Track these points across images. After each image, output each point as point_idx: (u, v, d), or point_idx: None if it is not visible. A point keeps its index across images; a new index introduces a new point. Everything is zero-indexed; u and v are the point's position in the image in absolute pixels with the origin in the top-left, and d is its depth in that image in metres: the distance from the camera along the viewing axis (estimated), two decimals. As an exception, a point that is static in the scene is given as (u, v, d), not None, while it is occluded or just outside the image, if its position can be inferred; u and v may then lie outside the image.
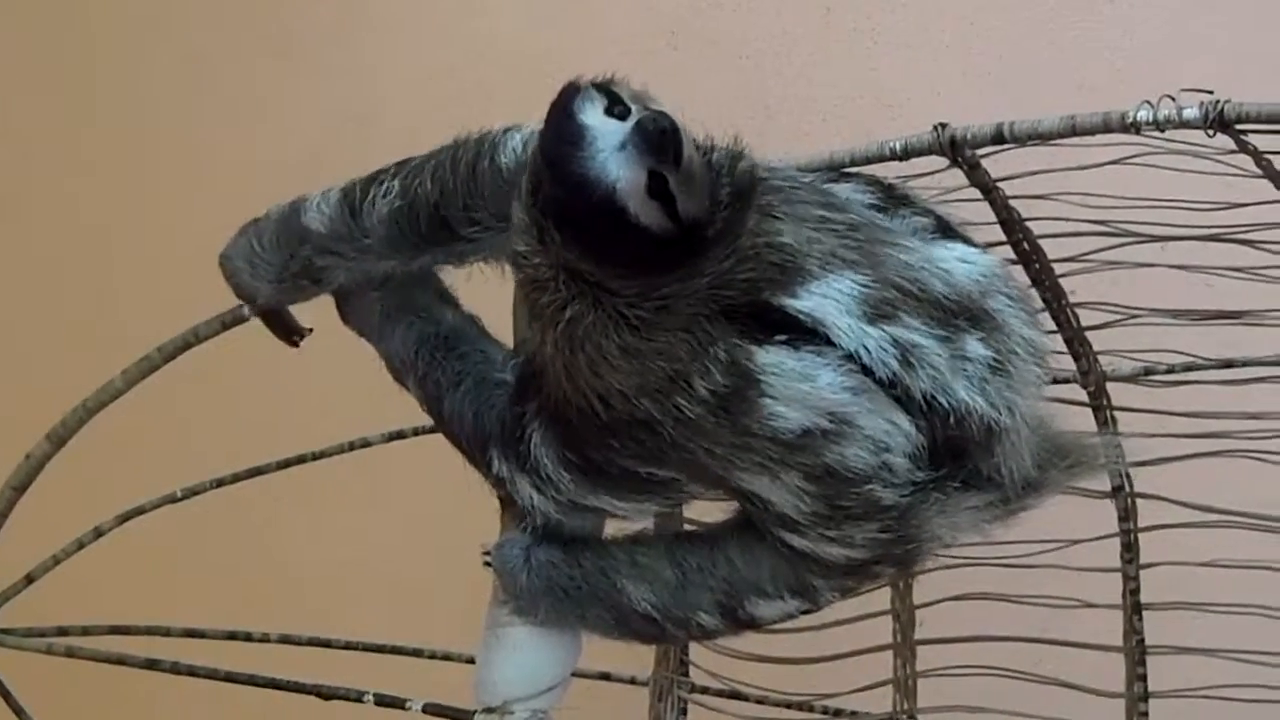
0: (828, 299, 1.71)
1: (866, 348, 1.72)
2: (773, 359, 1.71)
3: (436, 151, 1.94)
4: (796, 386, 1.71)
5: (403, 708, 2.23)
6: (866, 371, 1.73)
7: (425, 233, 1.91)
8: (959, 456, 1.81)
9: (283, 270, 2.01)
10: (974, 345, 1.77)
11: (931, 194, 1.98)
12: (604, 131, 1.66)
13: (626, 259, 1.69)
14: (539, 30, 3.73)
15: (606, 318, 1.72)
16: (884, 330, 1.72)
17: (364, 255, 1.95)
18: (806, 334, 1.72)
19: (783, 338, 1.71)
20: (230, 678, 2.33)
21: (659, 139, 1.63)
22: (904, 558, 1.89)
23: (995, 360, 1.78)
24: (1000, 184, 2.11)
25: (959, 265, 1.79)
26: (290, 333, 2.16)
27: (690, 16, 3.56)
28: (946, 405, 1.75)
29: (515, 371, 1.94)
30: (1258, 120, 1.82)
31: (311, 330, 2.15)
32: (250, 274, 2.04)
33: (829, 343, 1.72)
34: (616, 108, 1.69)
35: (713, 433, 1.76)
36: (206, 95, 4.00)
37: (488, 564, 2.05)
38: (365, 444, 2.69)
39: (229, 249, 2.07)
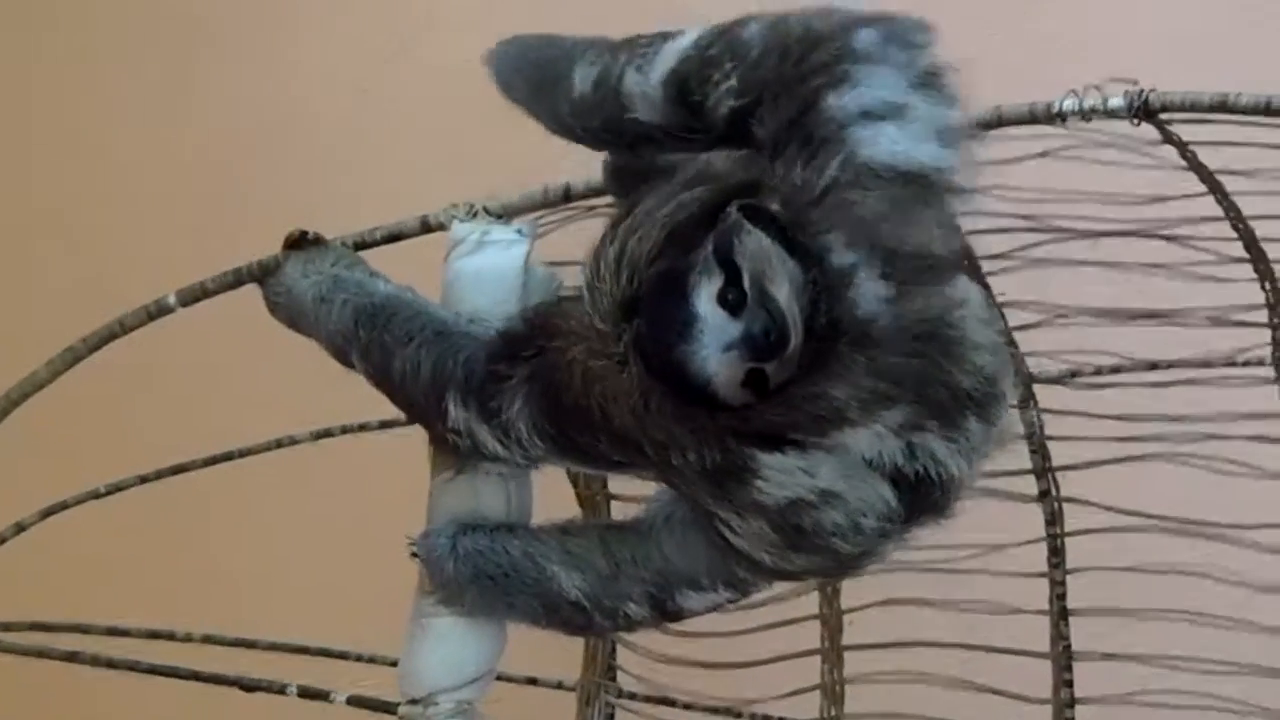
0: (858, 436, 1.72)
1: (881, 453, 1.72)
2: (777, 460, 1.72)
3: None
4: (794, 478, 1.71)
5: (326, 700, 2.22)
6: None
7: None
8: (923, 509, 1.83)
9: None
10: (974, 424, 1.78)
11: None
12: (712, 326, 1.60)
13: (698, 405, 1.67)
14: (475, 27, 3.71)
15: (637, 392, 1.69)
16: (902, 439, 1.73)
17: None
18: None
19: (793, 444, 1.71)
20: (153, 670, 2.31)
21: (766, 348, 1.59)
22: (839, 577, 1.90)
23: (987, 431, 1.81)
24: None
25: (990, 359, 1.80)
26: None
27: (625, 14, 3.55)
28: (937, 478, 1.77)
29: (506, 326, 1.90)
30: (1182, 108, 1.84)
31: None
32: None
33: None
34: (731, 292, 1.61)
35: (696, 481, 1.75)
36: (128, 91, 3.98)
37: (414, 554, 2.04)
38: (293, 442, 2.67)
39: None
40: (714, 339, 1.60)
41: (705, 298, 1.62)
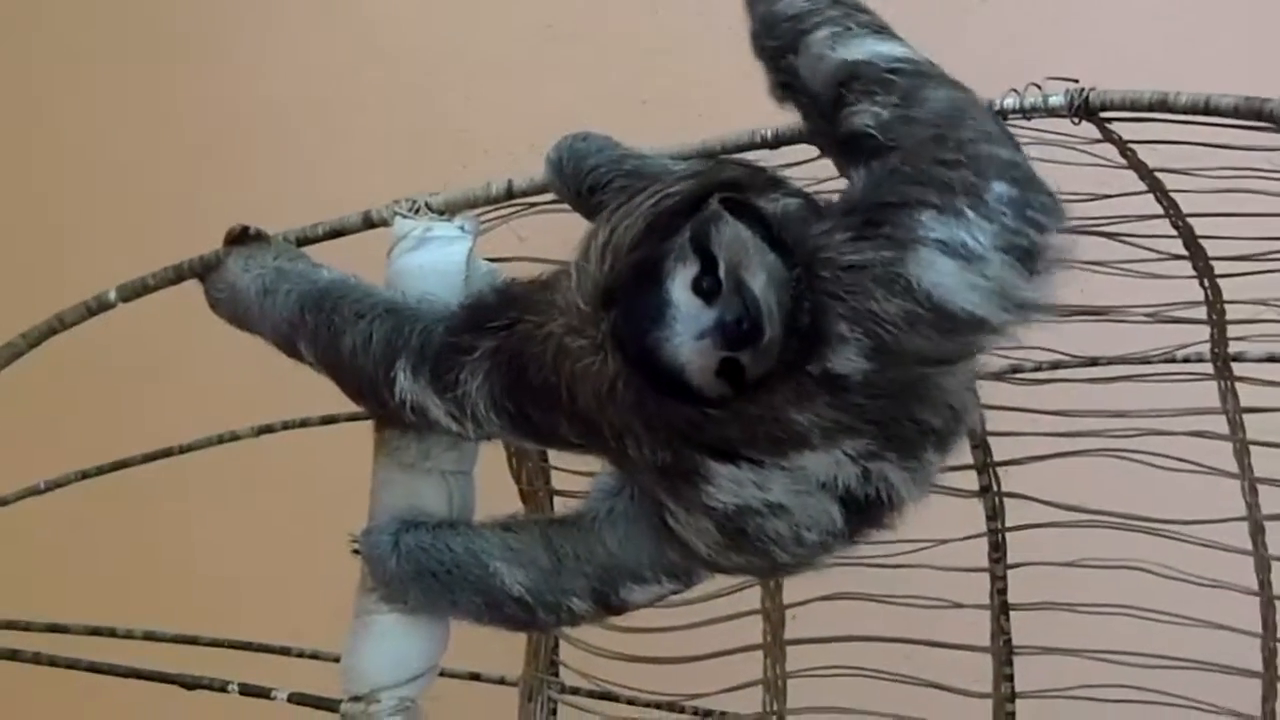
0: (817, 459, 1.73)
1: (836, 477, 1.74)
2: (729, 471, 1.74)
3: None
4: (744, 489, 1.74)
5: (268, 698, 2.21)
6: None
7: None
8: (869, 525, 1.85)
9: None
10: (932, 455, 1.80)
11: (803, 184, 1.99)
12: (686, 314, 1.61)
13: (674, 398, 1.67)
14: (419, 24, 3.71)
15: (607, 381, 1.70)
16: (859, 466, 1.74)
17: None
18: None
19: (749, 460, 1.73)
20: (93, 668, 2.30)
21: (738, 336, 1.60)
22: (773, 577, 1.91)
23: (943, 458, 1.83)
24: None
25: (963, 398, 1.81)
26: None
27: (569, 10, 3.56)
28: (888, 500, 1.79)
29: (474, 299, 1.92)
30: (1121, 107, 1.85)
31: None
32: None
33: None
34: (706, 279, 1.62)
35: (648, 473, 1.79)
36: (69, 89, 3.96)
37: (356, 551, 2.04)
38: (234, 437, 2.66)
39: None
40: (687, 326, 1.61)
41: (680, 284, 1.62)
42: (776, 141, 1.98)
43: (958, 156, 1.61)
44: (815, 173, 2.03)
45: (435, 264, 2.04)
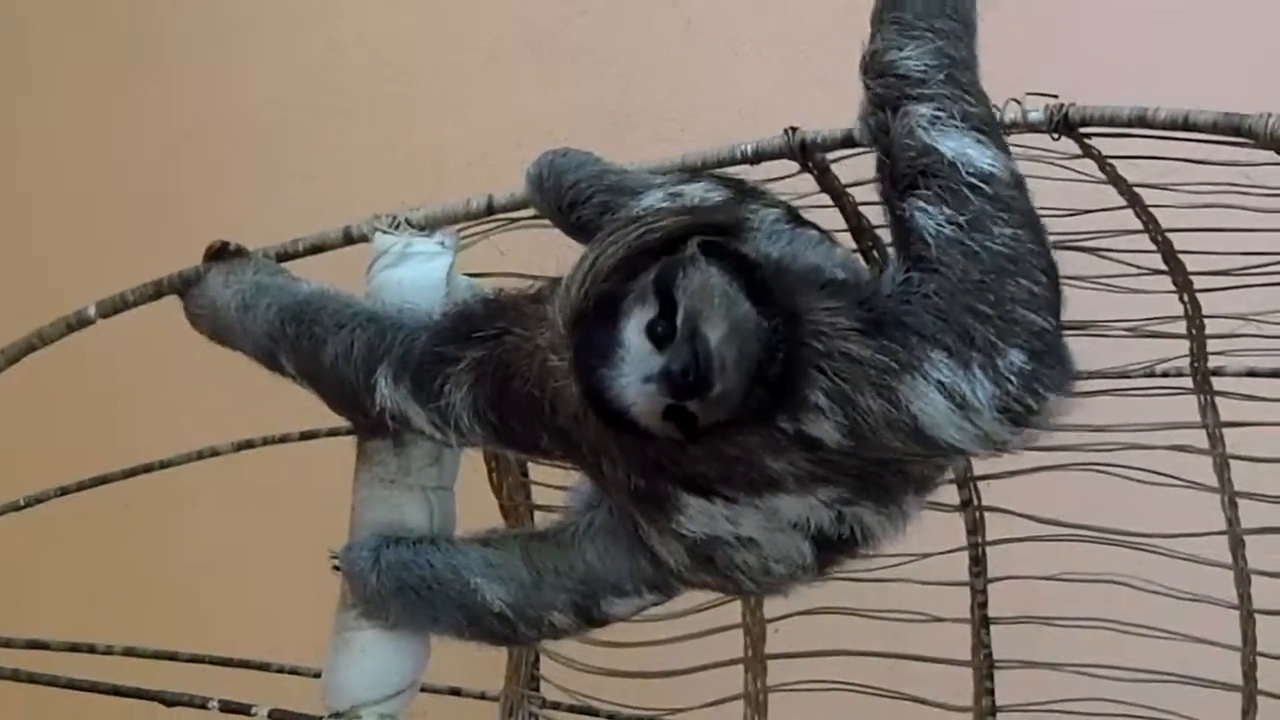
0: (790, 502, 1.74)
1: (808, 519, 1.76)
2: (701, 504, 1.75)
3: None
4: (716, 522, 1.76)
5: (248, 714, 2.21)
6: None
7: None
8: (841, 559, 1.86)
9: None
10: (910, 499, 1.81)
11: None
12: (635, 357, 1.61)
13: (625, 433, 1.67)
14: (401, 36, 3.71)
15: (577, 401, 1.70)
16: (834, 509, 1.75)
17: None
18: None
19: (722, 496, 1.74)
20: (73, 685, 2.30)
21: (682, 388, 1.59)
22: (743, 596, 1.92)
23: (921, 501, 1.85)
24: (851, 189, 2.11)
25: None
26: None
27: (553, 25, 3.56)
28: (861, 539, 1.80)
29: (460, 309, 1.93)
30: (1100, 123, 1.85)
31: None
32: None
33: None
34: (661, 324, 1.61)
35: (622, 494, 1.80)
36: (49, 102, 3.95)
37: (336, 567, 2.04)
38: (214, 453, 2.65)
39: None
40: (634, 368, 1.61)
41: (634, 326, 1.62)
42: (757, 157, 1.98)
43: (990, 312, 1.61)
44: (796, 187, 2.04)
45: (415, 280, 2.04)
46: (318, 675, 2.11)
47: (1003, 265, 1.63)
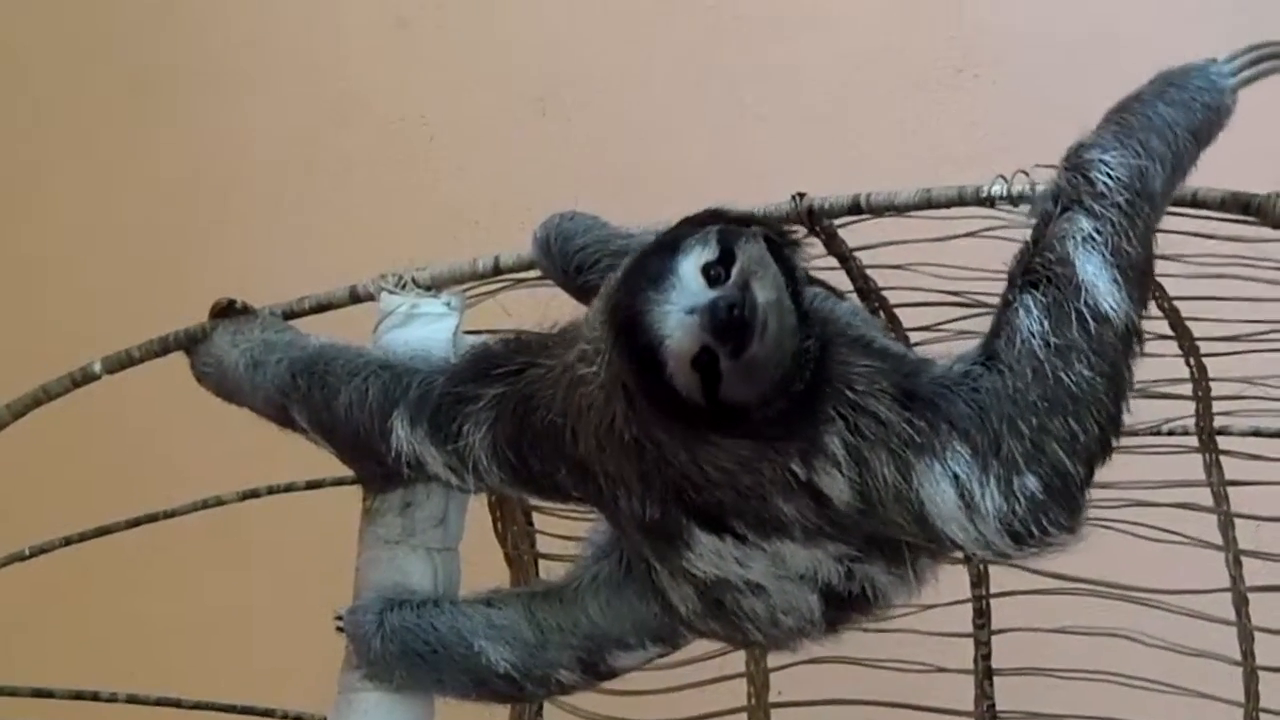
0: (796, 552, 1.73)
1: (816, 573, 1.75)
2: (712, 542, 1.74)
3: None
4: (725, 562, 1.75)
5: (252, 765, 2.21)
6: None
7: None
8: (852, 616, 1.86)
9: None
10: (924, 561, 1.81)
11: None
12: (685, 288, 1.60)
13: (650, 399, 1.66)
14: (411, 95, 3.71)
15: (609, 417, 1.71)
16: (845, 565, 1.75)
17: None
18: None
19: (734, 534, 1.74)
20: (77, 734, 2.30)
21: (725, 325, 1.58)
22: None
23: (934, 564, 1.85)
24: (857, 253, 2.12)
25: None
26: None
27: (560, 86, 3.56)
28: (872, 598, 1.80)
29: (477, 350, 1.93)
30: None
31: None
32: None
33: None
34: (716, 268, 1.61)
35: (635, 531, 1.80)
36: (57, 157, 3.96)
37: (340, 629, 2.04)
38: (219, 502, 2.64)
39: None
40: (681, 297, 1.60)
41: (691, 261, 1.62)
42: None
43: (1027, 433, 1.61)
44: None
45: (422, 340, 2.04)
46: (320, 723, 2.11)
47: (1063, 400, 1.62)
